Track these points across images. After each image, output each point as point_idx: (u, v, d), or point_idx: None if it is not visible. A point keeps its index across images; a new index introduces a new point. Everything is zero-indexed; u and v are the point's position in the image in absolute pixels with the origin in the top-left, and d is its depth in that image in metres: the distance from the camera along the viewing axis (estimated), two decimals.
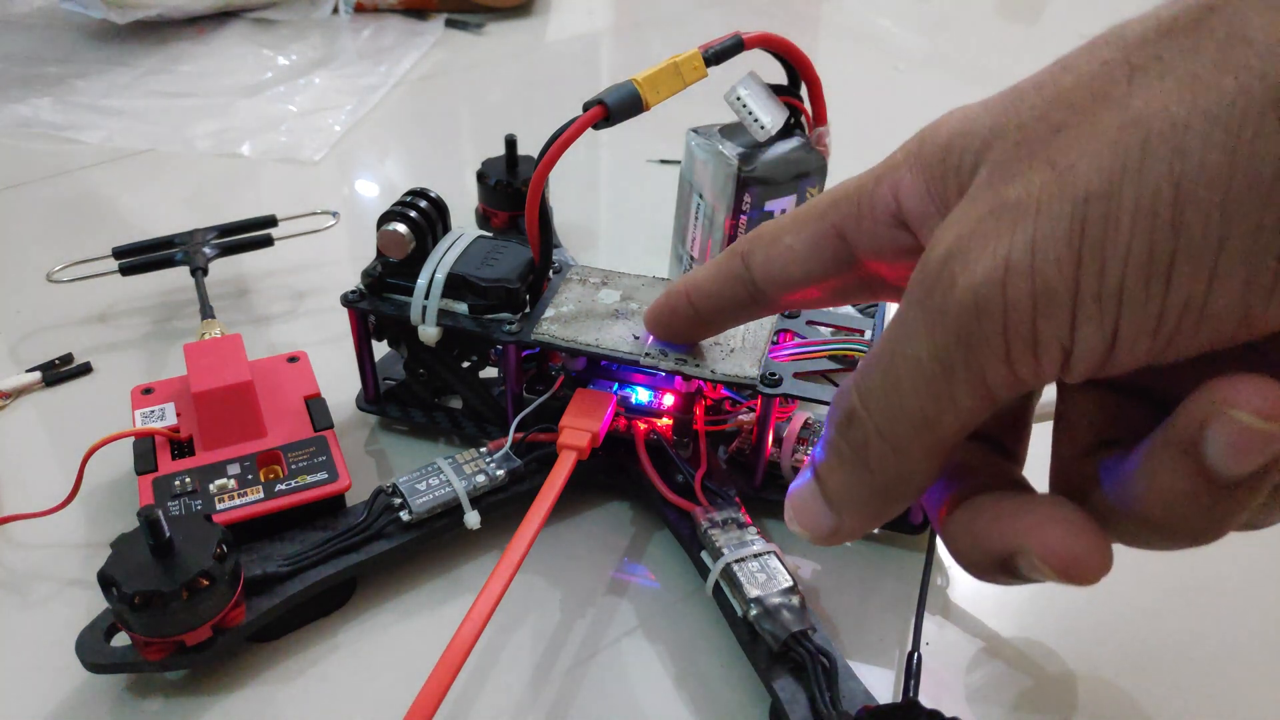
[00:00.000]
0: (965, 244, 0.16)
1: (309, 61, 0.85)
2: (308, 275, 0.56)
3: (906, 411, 0.18)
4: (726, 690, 0.34)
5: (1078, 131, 0.15)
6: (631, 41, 0.99)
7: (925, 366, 0.17)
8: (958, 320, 0.16)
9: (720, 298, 0.28)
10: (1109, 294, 0.15)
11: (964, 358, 0.16)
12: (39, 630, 0.35)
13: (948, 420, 0.17)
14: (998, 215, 0.16)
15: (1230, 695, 0.35)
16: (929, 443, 0.18)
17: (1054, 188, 0.15)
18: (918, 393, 0.17)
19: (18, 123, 0.73)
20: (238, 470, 0.37)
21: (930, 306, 0.17)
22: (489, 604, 0.30)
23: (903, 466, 0.18)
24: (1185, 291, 0.14)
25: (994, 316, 0.16)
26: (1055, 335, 0.15)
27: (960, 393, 0.17)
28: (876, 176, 0.21)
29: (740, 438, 0.41)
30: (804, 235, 0.23)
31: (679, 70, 0.38)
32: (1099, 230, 0.15)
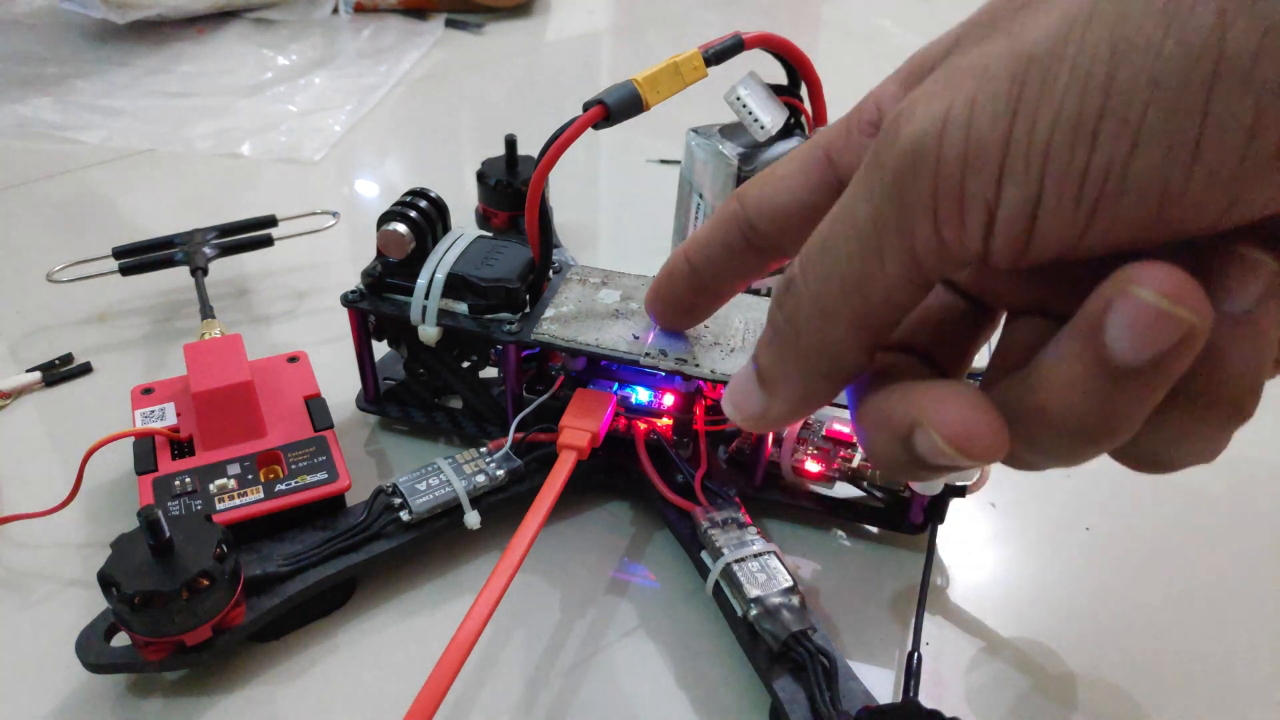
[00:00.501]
0: (913, 102, 0.16)
1: (309, 61, 0.85)
2: (308, 275, 0.56)
3: (838, 274, 0.18)
4: (726, 690, 0.34)
5: (1038, 7, 0.16)
6: (631, 41, 0.99)
7: (860, 226, 0.17)
8: (894, 174, 0.16)
9: (717, 246, 0.27)
10: (1036, 151, 0.15)
11: (895, 216, 0.16)
12: (39, 630, 0.35)
13: (876, 287, 0.17)
14: (948, 76, 0.16)
15: (1230, 695, 0.35)
16: (857, 309, 0.18)
17: (1003, 50, 0.15)
18: (850, 255, 0.17)
19: (18, 123, 0.73)
20: (238, 470, 0.37)
21: (872, 165, 0.17)
22: (489, 604, 0.30)
23: (829, 334, 0.18)
24: (1108, 153, 0.14)
25: (926, 169, 0.16)
26: (981, 193, 0.15)
27: (889, 256, 0.17)
28: (865, 99, 0.22)
29: (740, 438, 0.41)
30: (794, 163, 0.23)
31: (679, 70, 0.38)
32: (1036, 88, 0.15)
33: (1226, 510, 0.42)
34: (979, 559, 0.40)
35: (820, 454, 0.39)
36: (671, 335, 0.37)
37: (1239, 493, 0.43)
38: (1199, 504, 0.43)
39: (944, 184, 0.16)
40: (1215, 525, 0.42)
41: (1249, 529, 0.42)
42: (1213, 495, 0.43)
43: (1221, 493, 0.43)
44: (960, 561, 0.39)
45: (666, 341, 0.37)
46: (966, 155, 0.15)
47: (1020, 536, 0.41)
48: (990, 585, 0.39)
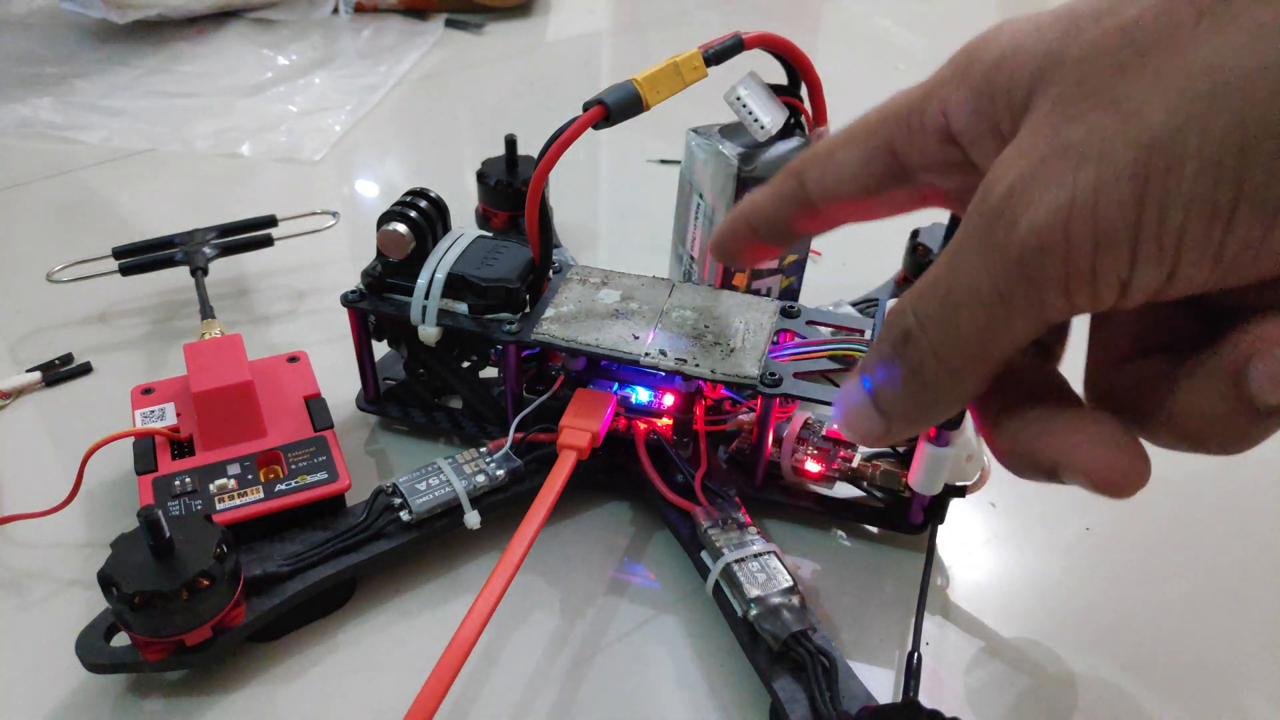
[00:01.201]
0: (1027, 183, 0.17)
1: (309, 61, 0.85)
2: (308, 275, 0.56)
3: (963, 337, 0.18)
4: (726, 690, 0.34)
5: (1142, 73, 0.16)
6: (631, 41, 0.99)
7: (984, 297, 0.18)
8: (1020, 257, 0.17)
9: (779, 218, 0.28)
10: (1170, 236, 0.15)
11: (1024, 291, 0.17)
12: (39, 630, 0.35)
13: (1003, 345, 0.18)
14: (1060, 155, 0.16)
15: (1230, 695, 0.35)
16: (983, 365, 0.19)
17: (1118, 130, 0.16)
18: (975, 321, 0.18)
19: (18, 123, 0.73)
20: (238, 470, 0.37)
21: (991, 242, 0.17)
22: (489, 604, 0.30)
23: (956, 384, 0.19)
24: (1245, 233, 0.15)
25: (1056, 255, 0.16)
26: (1115, 271, 0.16)
27: (1017, 321, 0.18)
28: (925, 92, 0.22)
29: (740, 438, 0.41)
30: (857, 151, 0.24)
31: (679, 70, 0.38)
32: (1162, 176, 0.15)
33: (1226, 510, 0.42)
34: (979, 559, 0.40)
35: (820, 454, 0.39)
36: (671, 335, 0.37)
37: (1239, 493, 0.43)
38: (1199, 504, 0.43)
39: (1075, 266, 0.16)
40: (1215, 525, 0.42)
41: (1249, 529, 0.42)
42: (1213, 495, 0.43)
43: (1221, 493, 0.43)
44: (960, 561, 0.39)
45: (666, 341, 0.37)
46: (1097, 242, 0.16)
47: (1020, 536, 0.41)
48: (990, 585, 0.39)
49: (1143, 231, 0.15)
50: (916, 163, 0.23)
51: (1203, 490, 0.44)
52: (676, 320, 0.39)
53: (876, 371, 0.21)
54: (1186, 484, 0.44)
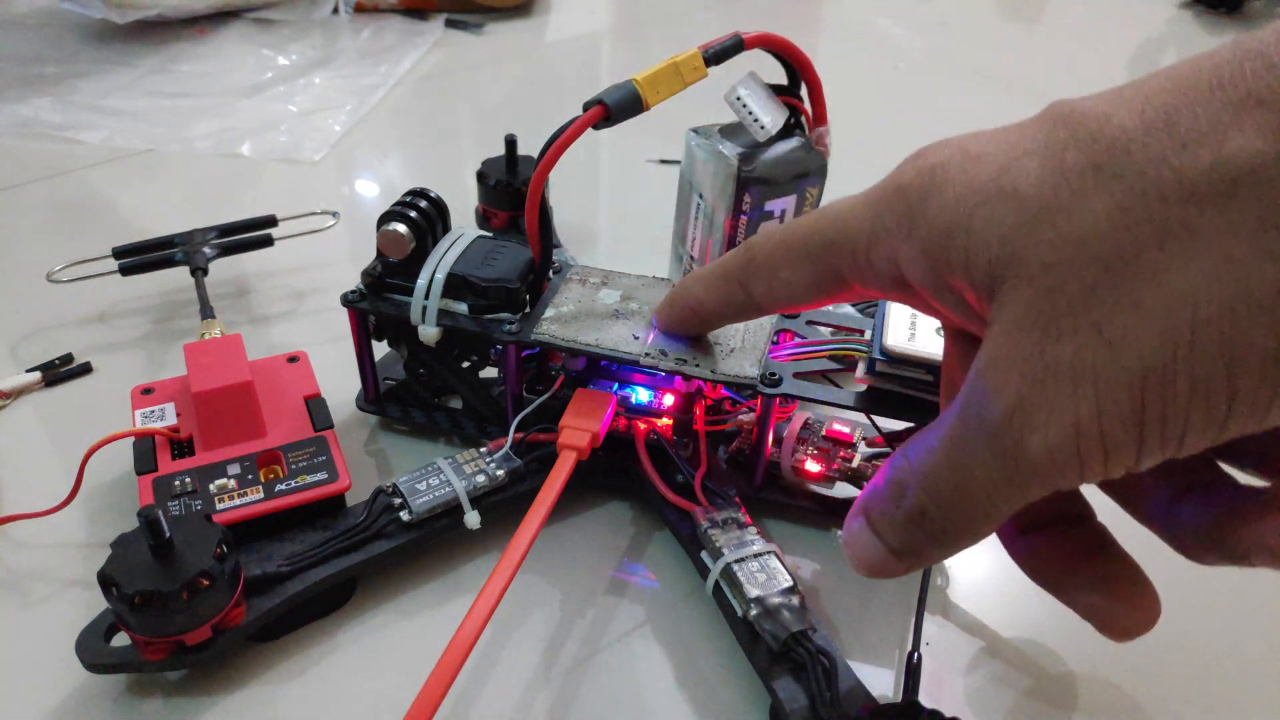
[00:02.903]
0: (1029, 405, 0.18)
1: (309, 61, 0.85)
2: (308, 275, 0.56)
3: (981, 514, 0.20)
4: (726, 690, 0.34)
5: (1117, 296, 0.17)
6: (631, 41, 0.99)
7: (999, 488, 0.20)
8: (1034, 470, 0.19)
9: (724, 315, 0.32)
10: (1171, 439, 0.17)
11: (1039, 484, 0.19)
12: (39, 630, 0.35)
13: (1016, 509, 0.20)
14: (1056, 379, 0.18)
15: (1230, 695, 0.35)
16: (999, 523, 0.21)
17: (1108, 358, 0.17)
18: (992, 502, 0.20)
19: (18, 123, 0.73)
20: (238, 470, 0.37)
21: (1000, 450, 0.19)
22: (489, 604, 0.30)
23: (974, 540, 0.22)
24: (1241, 425, 0.17)
25: (1069, 465, 0.18)
26: (1123, 465, 0.18)
27: (1032, 497, 0.20)
28: (870, 233, 0.22)
29: (740, 438, 0.41)
30: (803, 273, 0.25)
31: (679, 70, 0.38)
32: (1158, 398, 0.17)
33: None
34: (979, 559, 0.40)
35: (820, 454, 0.39)
36: (672, 336, 0.37)
37: None
38: None
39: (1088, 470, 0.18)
40: None
41: None
42: None
43: None
44: (960, 561, 0.39)
45: (666, 341, 0.37)
46: (1106, 454, 0.18)
47: None
48: (990, 585, 0.39)
49: (1146, 439, 0.17)
50: (869, 289, 0.24)
51: None
52: None
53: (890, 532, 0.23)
54: None
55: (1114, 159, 0.17)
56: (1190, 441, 0.17)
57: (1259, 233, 0.16)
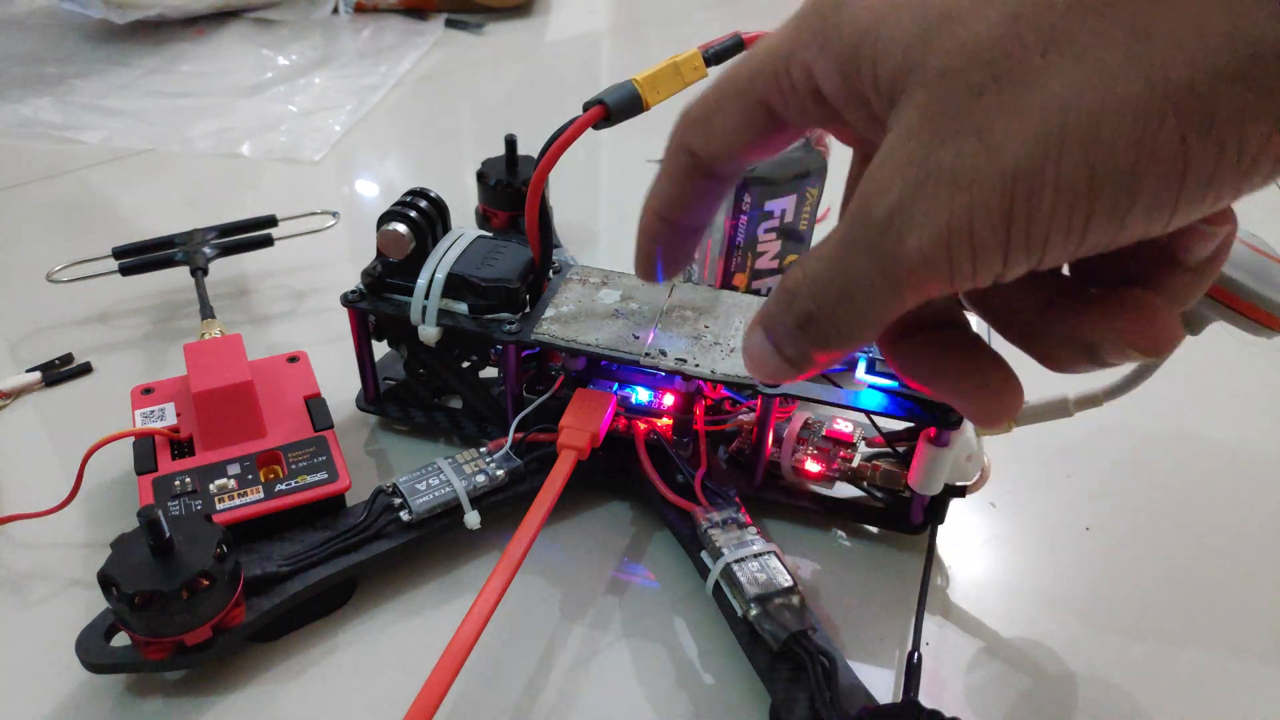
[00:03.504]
0: (908, 204, 0.19)
1: (309, 61, 0.85)
2: (308, 275, 0.56)
3: (861, 315, 0.21)
4: (726, 690, 0.34)
5: (1000, 101, 0.18)
6: (631, 41, 0.99)
7: (878, 291, 0.20)
8: (909, 268, 0.19)
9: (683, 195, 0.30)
10: (1035, 245, 0.18)
11: (914, 287, 0.20)
12: (39, 630, 0.35)
13: (895, 315, 0.21)
14: (935, 179, 0.19)
15: (1229, 695, 0.35)
16: (878, 329, 0.22)
17: (984, 160, 0.18)
18: (872, 306, 0.21)
19: (18, 123, 0.73)
20: (238, 470, 0.37)
21: (880, 251, 0.20)
22: (489, 604, 0.30)
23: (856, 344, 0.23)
24: (1098, 237, 0.18)
25: (940, 267, 0.19)
26: (990, 270, 0.19)
27: (908, 302, 0.20)
28: (789, 50, 0.23)
29: (740, 438, 0.41)
30: (734, 113, 0.26)
31: (679, 70, 0.38)
32: (1026, 202, 0.18)
33: (1226, 510, 0.42)
34: (979, 559, 0.40)
35: (820, 454, 0.39)
36: (671, 335, 0.37)
37: (1239, 493, 0.43)
38: (1199, 504, 0.43)
39: (958, 273, 0.19)
40: (1215, 525, 0.42)
41: (1249, 529, 0.42)
42: (1213, 495, 0.43)
43: (1222, 493, 0.43)
44: (960, 561, 0.39)
45: (666, 341, 0.37)
46: (974, 255, 0.19)
47: (1020, 536, 0.41)
48: (990, 585, 0.39)
49: (1012, 243, 0.18)
50: (793, 116, 0.25)
51: (1203, 490, 0.44)
52: (676, 320, 0.39)
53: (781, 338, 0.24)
54: (1186, 484, 0.44)
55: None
56: (1054, 249, 0.18)
57: (1130, 41, 0.16)
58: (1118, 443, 0.46)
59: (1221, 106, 0.16)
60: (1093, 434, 0.45)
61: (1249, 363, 0.51)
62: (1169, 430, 0.47)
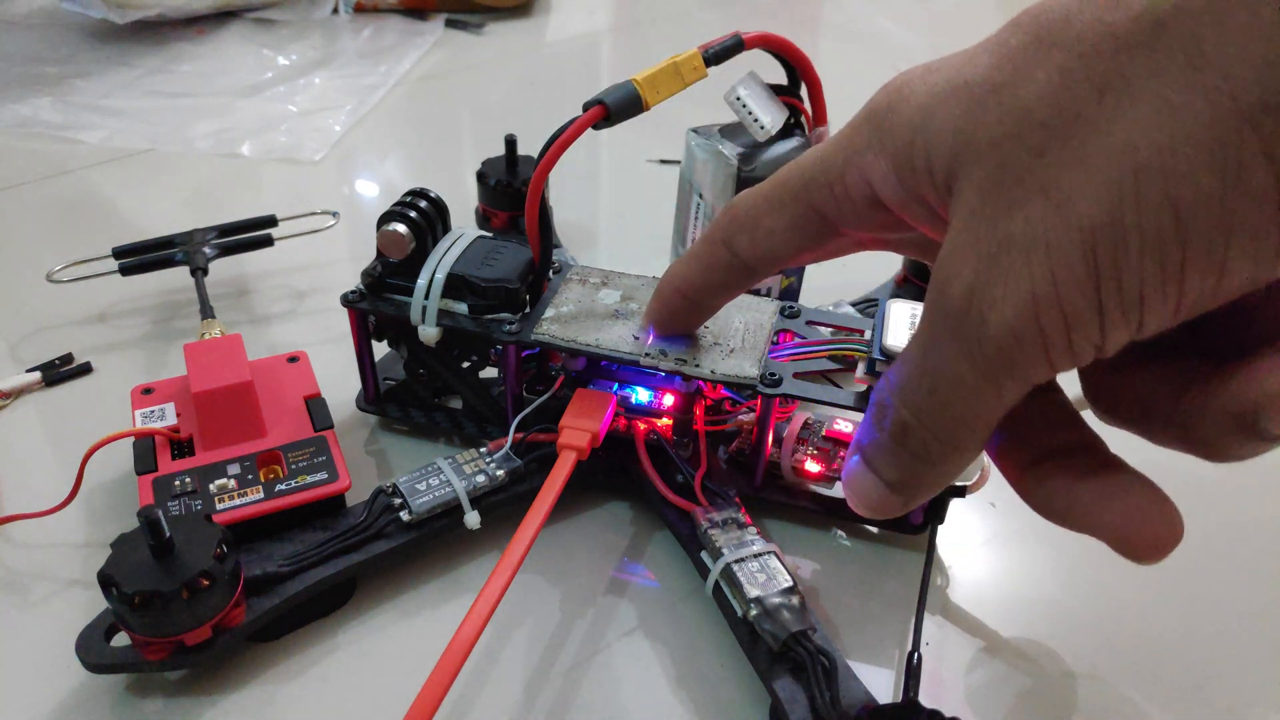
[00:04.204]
0: (985, 281, 0.18)
1: (309, 61, 0.85)
2: (308, 275, 0.56)
3: (959, 419, 0.20)
4: (726, 690, 0.34)
5: (1061, 157, 0.17)
6: (631, 41, 0.99)
7: (970, 384, 0.19)
8: (998, 350, 0.18)
9: (713, 286, 0.30)
10: (1130, 303, 0.17)
11: (1007, 372, 0.18)
12: (39, 630, 0.35)
13: (997, 414, 0.20)
14: (1008, 250, 0.17)
15: (1230, 695, 0.35)
16: (982, 433, 0.20)
17: (1056, 220, 0.17)
18: (968, 403, 0.19)
19: (18, 123, 0.73)
20: (238, 470, 0.37)
21: (964, 338, 0.18)
22: (489, 604, 0.30)
23: (962, 454, 0.21)
24: (1198, 286, 0.16)
25: (1033, 342, 0.18)
26: (1088, 340, 0.17)
27: (1006, 392, 0.19)
28: (844, 159, 0.22)
29: (740, 438, 0.41)
30: (784, 218, 0.25)
31: (679, 70, 0.38)
32: (1110, 256, 0.16)
33: (1228, 511, 0.42)
34: (979, 559, 0.40)
35: (820, 454, 0.39)
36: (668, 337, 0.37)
37: (1239, 493, 0.43)
38: (1199, 504, 0.43)
39: (1053, 346, 0.18)
40: (1216, 526, 0.42)
41: (1250, 530, 0.42)
42: (1213, 495, 0.43)
43: (1223, 494, 0.43)
44: (960, 561, 0.39)
45: (666, 341, 0.37)
46: (1067, 324, 0.17)
47: (1020, 536, 0.41)
48: (990, 585, 0.39)
49: (1105, 305, 0.17)
50: (847, 224, 0.24)
51: (1204, 491, 0.43)
52: None
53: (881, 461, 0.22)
54: (1188, 485, 0.44)
55: (1053, 30, 0.17)
56: (1153, 306, 0.17)
57: (1187, 70, 0.15)
58: (1117, 443, 0.45)
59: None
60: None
61: None
62: None
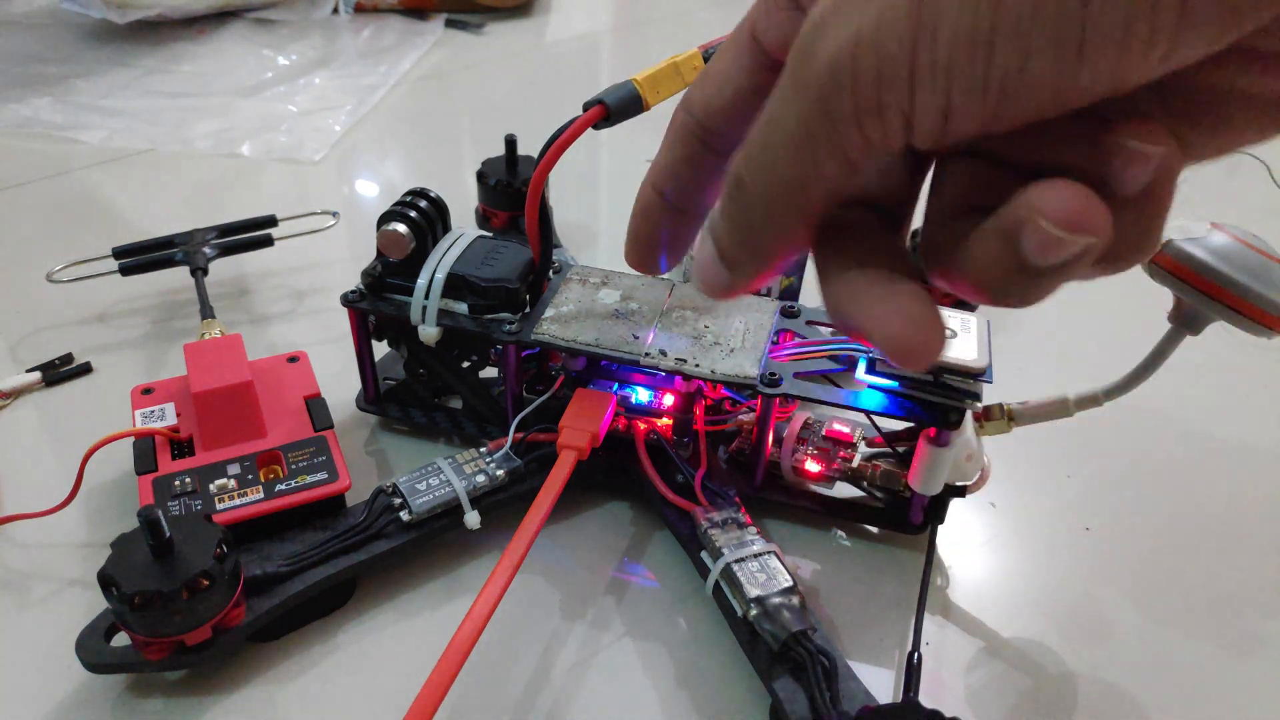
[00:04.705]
0: (826, 17, 0.18)
1: (309, 61, 0.85)
2: (308, 275, 0.56)
3: (780, 174, 0.20)
4: (726, 690, 0.34)
5: None
6: (631, 41, 0.99)
7: (794, 137, 0.19)
8: (817, 89, 0.18)
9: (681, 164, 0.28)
10: (940, 65, 0.17)
11: (822, 124, 0.18)
12: (39, 630, 0.35)
13: (814, 182, 0.19)
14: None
15: (1229, 695, 0.35)
16: (800, 201, 0.20)
17: None
18: (788, 157, 0.19)
19: (18, 123, 0.73)
20: (238, 470, 0.37)
21: (797, 77, 0.18)
22: (489, 604, 0.30)
23: (780, 225, 0.21)
24: (1004, 63, 0.16)
25: (845, 85, 0.17)
26: (897, 102, 0.17)
27: (822, 157, 0.19)
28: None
29: (740, 438, 0.41)
30: (728, 54, 0.25)
31: (679, 70, 0.38)
32: (931, 12, 0.16)
33: (1226, 511, 0.42)
34: (979, 559, 0.40)
35: (820, 454, 0.39)
36: (671, 335, 0.37)
37: (1239, 493, 0.43)
38: (1199, 504, 0.43)
39: (862, 96, 0.17)
40: (1215, 526, 0.42)
41: (1249, 529, 0.42)
42: (1213, 495, 0.43)
43: (1222, 493, 0.43)
44: (960, 561, 0.39)
45: (666, 341, 0.37)
46: (879, 72, 0.17)
47: (1020, 536, 0.41)
48: (990, 585, 0.39)
49: (918, 60, 0.17)
50: (775, 41, 0.23)
51: (1203, 491, 0.44)
52: (676, 320, 0.39)
53: (713, 223, 0.22)
54: (1186, 484, 0.44)
55: None
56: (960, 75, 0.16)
57: None
58: (1118, 443, 0.46)
59: None
60: (1093, 434, 0.45)
61: (1249, 363, 0.51)
62: (1169, 430, 0.47)
